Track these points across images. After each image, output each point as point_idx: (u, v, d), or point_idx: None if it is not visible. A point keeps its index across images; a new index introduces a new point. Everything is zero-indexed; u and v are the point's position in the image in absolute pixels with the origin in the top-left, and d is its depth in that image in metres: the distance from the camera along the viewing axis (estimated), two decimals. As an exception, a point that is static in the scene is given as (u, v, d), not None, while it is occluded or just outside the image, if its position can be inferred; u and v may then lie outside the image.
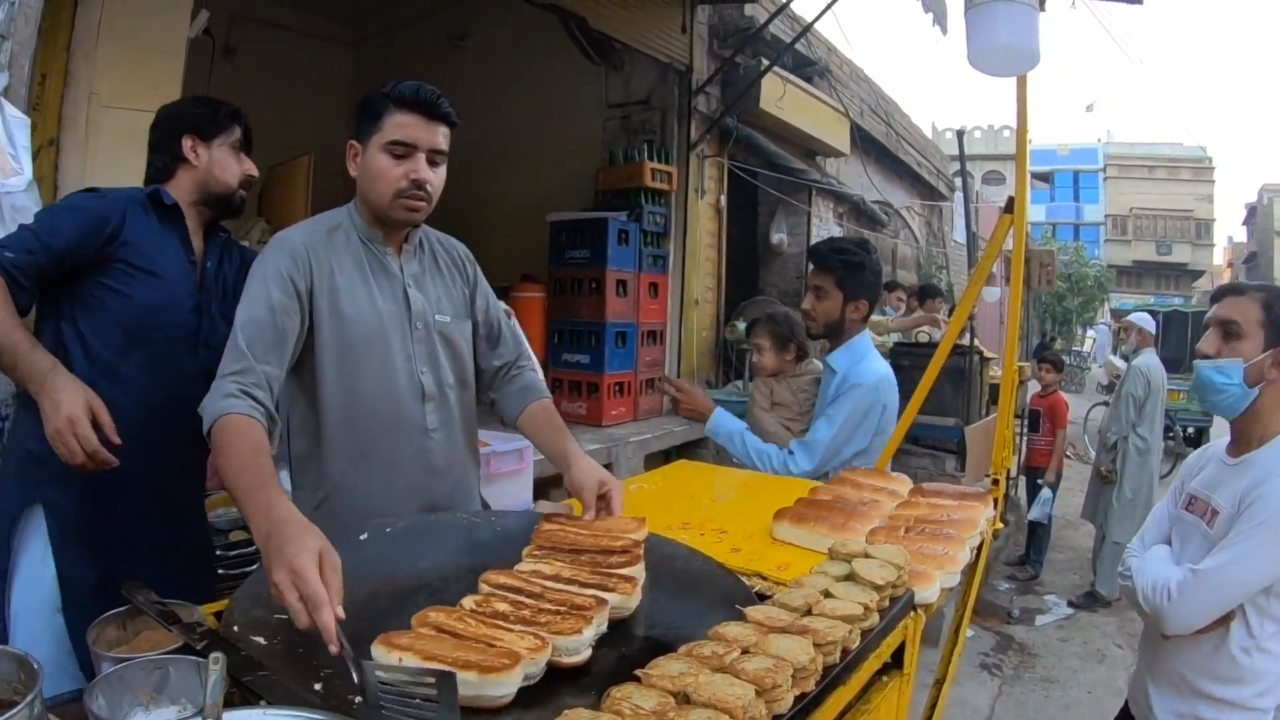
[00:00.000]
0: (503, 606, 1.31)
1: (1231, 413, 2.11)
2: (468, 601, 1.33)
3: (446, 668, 1.07)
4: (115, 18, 3.02)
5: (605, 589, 1.37)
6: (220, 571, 2.61)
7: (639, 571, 1.47)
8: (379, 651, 1.16)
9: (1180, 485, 2.32)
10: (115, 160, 3.05)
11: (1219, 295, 2.22)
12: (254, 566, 1.98)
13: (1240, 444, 2.14)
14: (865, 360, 2.98)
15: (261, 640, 1.22)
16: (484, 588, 1.39)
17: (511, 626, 1.24)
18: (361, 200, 1.96)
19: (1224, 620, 2.01)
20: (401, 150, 1.86)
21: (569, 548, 1.56)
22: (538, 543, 1.59)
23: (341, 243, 1.95)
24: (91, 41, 2.98)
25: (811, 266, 3.08)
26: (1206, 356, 2.12)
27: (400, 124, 1.85)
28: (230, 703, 0.99)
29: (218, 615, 1.34)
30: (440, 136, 1.92)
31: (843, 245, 3.09)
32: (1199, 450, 2.41)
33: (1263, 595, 1.98)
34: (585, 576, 1.43)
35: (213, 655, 0.94)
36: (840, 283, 2.94)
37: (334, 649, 1.13)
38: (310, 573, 1.20)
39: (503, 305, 2.30)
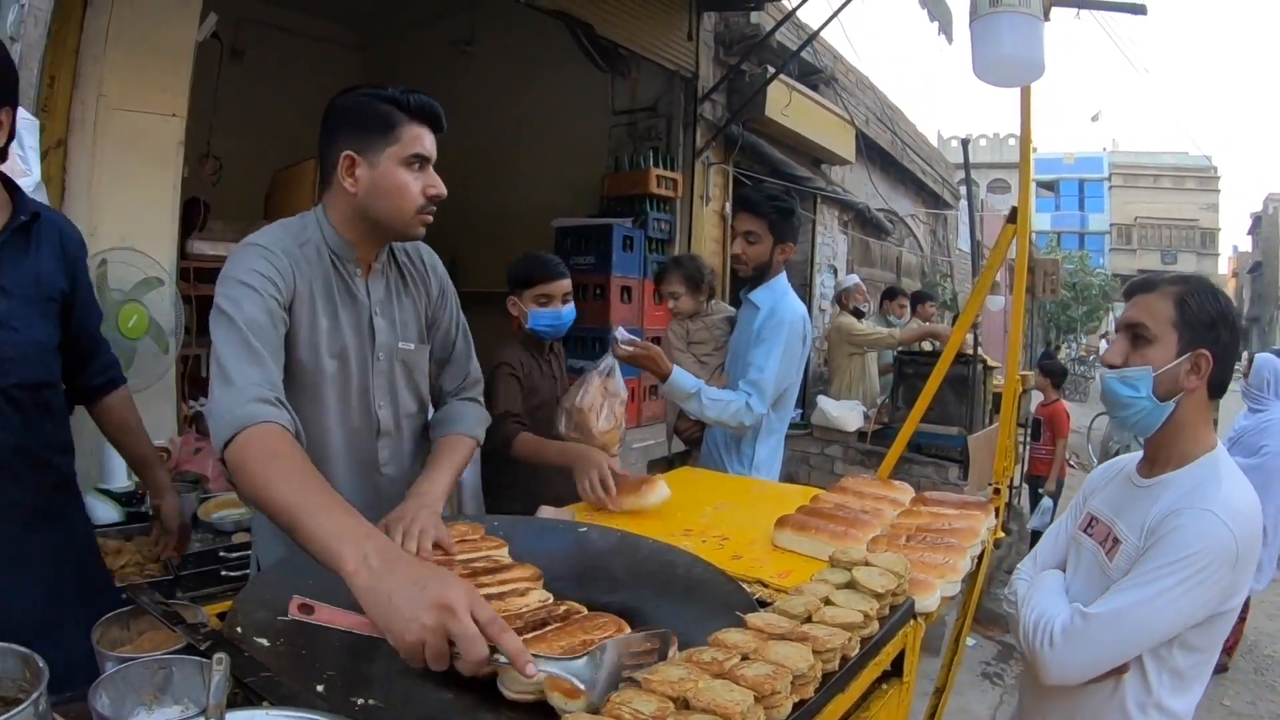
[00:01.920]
0: None
1: (1144, 430, 1.79)
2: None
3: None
4: (124, 21, 3.06)
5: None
6: (223, 574, 2.64)
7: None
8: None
9: (1082, 499, 2.03)
10: (122, 162, 3.08)
11: (1130, 293, 1.88)
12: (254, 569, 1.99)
13: (1155, 462, 1.82)
14: (787, 297, 3.15)
15: (264, 642, 1.22)
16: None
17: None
18: (357, 215, 1.79)
19: (1118, 670, 1.71)
20: (419, 164, 1.76)
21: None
22: None
23: (313, 260, 1.78)
24: (100, 44, 3.01)
25: (739, 213, 3.23)
26: (1113, 366, 1.80)
27: (417, 136, 1.75)
28: (233, 703, 0.99)
29: (221, 617, 1.34)
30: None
31: (773, 193, 3.24)
32: (1109, 462, 2.10)
33: (1164, 646, 1.69)
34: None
35: (216, 656, 0.94)
36: (772, 227, 3.10)
37: (532, 670, 1.05)
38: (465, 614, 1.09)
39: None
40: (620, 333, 2.84)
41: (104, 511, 2.81)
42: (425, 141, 1.76)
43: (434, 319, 2.03)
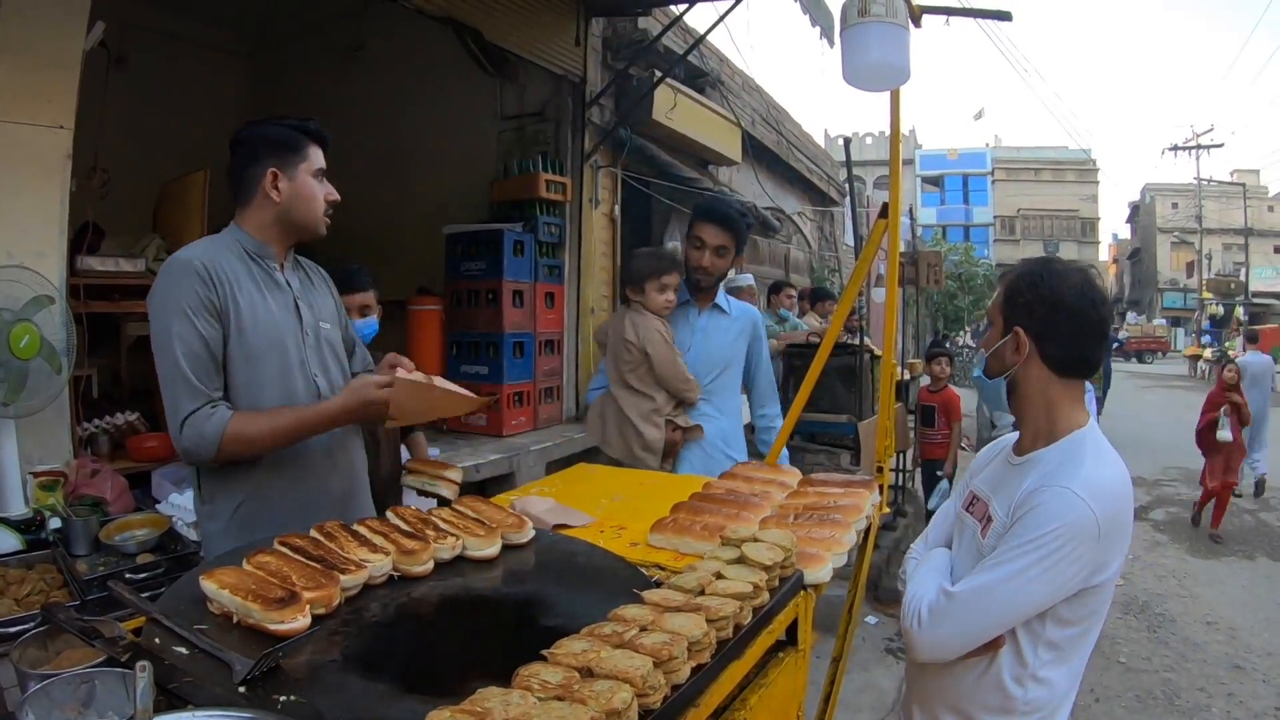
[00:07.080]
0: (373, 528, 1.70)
1: (996, 402, 1.94)
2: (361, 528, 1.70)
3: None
4: (9, 31, 2.98)
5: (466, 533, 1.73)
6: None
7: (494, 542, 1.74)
8: (205, 583, 1.38)
9: (969, 478, 2.09)
10: (9, 176, 3.00)
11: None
12: (163, 589, 2.00)
13: (1027, 441, 1.89)
14: (733, 300, 3.52)
15: (183, 650, 1.24)
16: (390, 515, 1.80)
17: (373, 541, 1.62)
18: (276, 220, 2.15)
19: (991, 645, 1.75)
20: (321, 176, 2.19)
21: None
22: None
23: (235, 260, 2.10)
24: (-15, 55, 2.92)
25: (708, 225, 3.26)
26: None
27: (318, 154, 2.18)
28: (157, 710, 1.01)
29: (137, 632, 1.35)
30: None
31: (743, 209, 3.42)
32: (994, 442, 2.16)
33: (1037, 620, 1.73)
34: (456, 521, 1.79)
35: (139, 664, 0.96)
36: (739, 241, 3.28)
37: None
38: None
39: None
40: None
41: (3, 540, 2.73)
42: (322, 158, 2.20)
43: (338, 311, 2.42)
